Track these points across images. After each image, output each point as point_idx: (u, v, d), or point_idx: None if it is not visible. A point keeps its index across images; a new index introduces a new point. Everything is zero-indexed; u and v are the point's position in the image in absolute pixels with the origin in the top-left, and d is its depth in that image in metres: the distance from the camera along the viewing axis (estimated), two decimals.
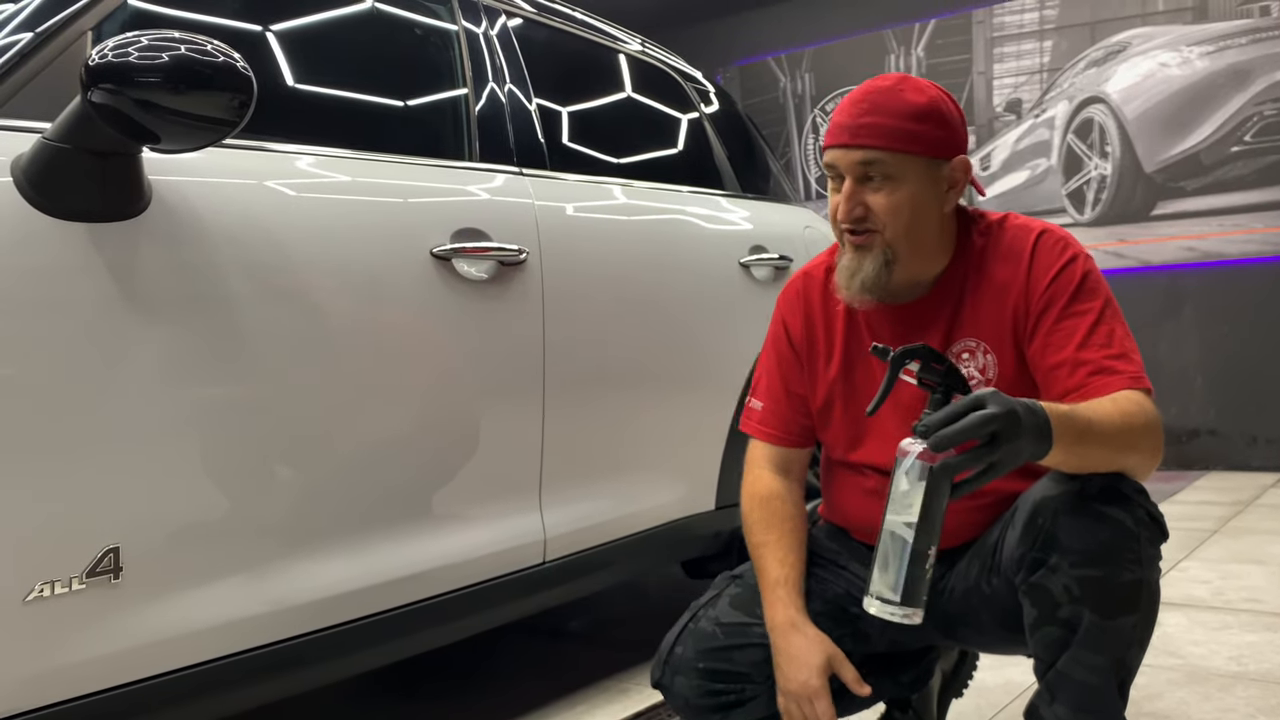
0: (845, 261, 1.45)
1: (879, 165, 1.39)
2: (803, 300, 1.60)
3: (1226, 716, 1.98)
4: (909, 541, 1.17)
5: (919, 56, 5.92)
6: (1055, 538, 1.27)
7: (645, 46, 2.78)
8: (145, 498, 1.40)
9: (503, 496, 1.94)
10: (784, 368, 1.61)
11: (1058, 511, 1.28)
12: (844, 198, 1.41)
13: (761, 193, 2.93)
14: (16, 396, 1.27)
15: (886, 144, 1.39)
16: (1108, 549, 1.26)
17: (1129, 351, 1.37)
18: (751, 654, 1.47)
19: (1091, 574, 1.26)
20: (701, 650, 1.49)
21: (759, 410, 1.63)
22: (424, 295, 1.76)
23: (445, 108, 2.03)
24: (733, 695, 1.48)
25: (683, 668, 1.49)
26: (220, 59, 1.29)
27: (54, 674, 1.31)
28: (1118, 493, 1.28)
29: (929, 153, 1.41)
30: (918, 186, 1.41)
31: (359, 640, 1.67)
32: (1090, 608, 1.26)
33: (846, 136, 1.40)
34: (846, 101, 1.44)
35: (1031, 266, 1.44)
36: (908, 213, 1.41)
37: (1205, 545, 3.44)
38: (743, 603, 1.52)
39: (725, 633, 1.49)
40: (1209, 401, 5.10)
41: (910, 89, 1.42)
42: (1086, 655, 1.28)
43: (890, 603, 1.18)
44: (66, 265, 1.32)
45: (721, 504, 2.45)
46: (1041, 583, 1.29)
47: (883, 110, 1.39)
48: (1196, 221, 5.17)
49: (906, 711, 1.72)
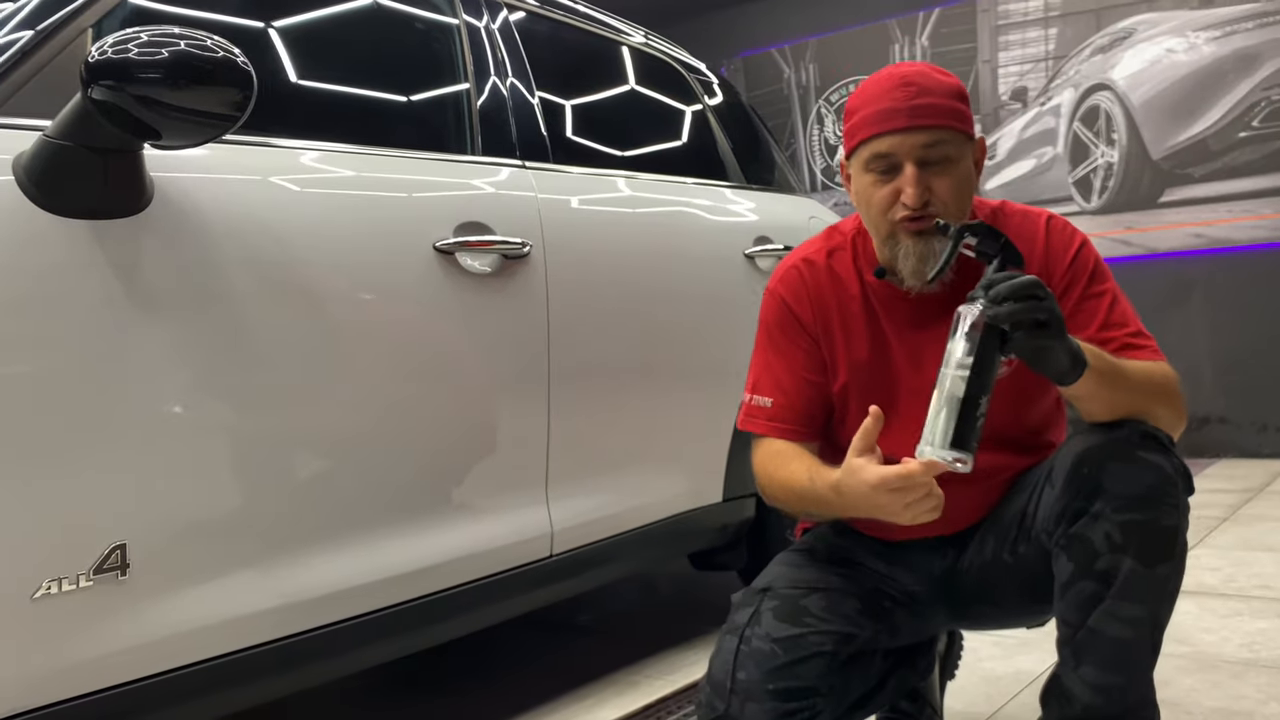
0: (908, 249, 1.39)
1: (941, 146, 1.37)
2: (809, 287, 1.54)
3: (1238, 704, 1.97)
4: (962, 390, 1.23)
5: (923, 46, 5.89)
6: (1100, 484, 1.29)
7: (648, 39, 2.77)
8: (151, 494, 1.40)
9: (509, 490, 1.93)
10: (795, 355, 1.54)
11: (1102, 460, 1.30)
12: (910, 182, 1.36)
13: (766, 184, 2.92)
14: (20, 394, 1.27)
15: (947, 123, 1.38)
16: (1151, 493, 1.28)
17: (1143, 330, 1.43)
18: (814, 665, 1.39)
19: (1135, 518, 1.28)
20: (766, 671, 1.38)
21: (769, 407, 1.54)
22: (428, 289, 1.76)
23: (447, 102, 2.03)
24: (806, 712, 1.38)
25: (753, 693, 1.38)
26: (220, 54, 1.29)
27: (62, 671, 1.31)
28: (1156, 440, 1.32)
29: (969, 130, 1.42)
30: (967, 166, 1.41)
31: (366, 635, 1.67)
32: (1132, 554, 1.27)
33: (904, 120, 1.36)
34: (881, 89, 1.39)
35: (1048, 248, 1.46)
36: (966, 193, 1.42)
37: (1216, 533, 3.43)
38: (786, 614, 1.43)
39: (783, 649, 1.40)
40: (1218, 389, 5.08)
41: (938, 71, 1.42)
42: (1123, 606, 1.28)
43: (942, 449, 1.23)
44: (69, 262, 1.32)
45: (729, 496, 2.44)
46: (1082, 532, 1.30)
47: (933, 91, 1.37)
48: (1204, 208, 5.14)
49: (915, 700, 1.72)
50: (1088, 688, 1.31)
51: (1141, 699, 1.34)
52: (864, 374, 1.52)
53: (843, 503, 1.36)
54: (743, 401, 1.59)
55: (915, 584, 1.53)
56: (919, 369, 1.47)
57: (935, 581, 1.53)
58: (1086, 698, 1.31)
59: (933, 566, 1.53)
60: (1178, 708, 1.96)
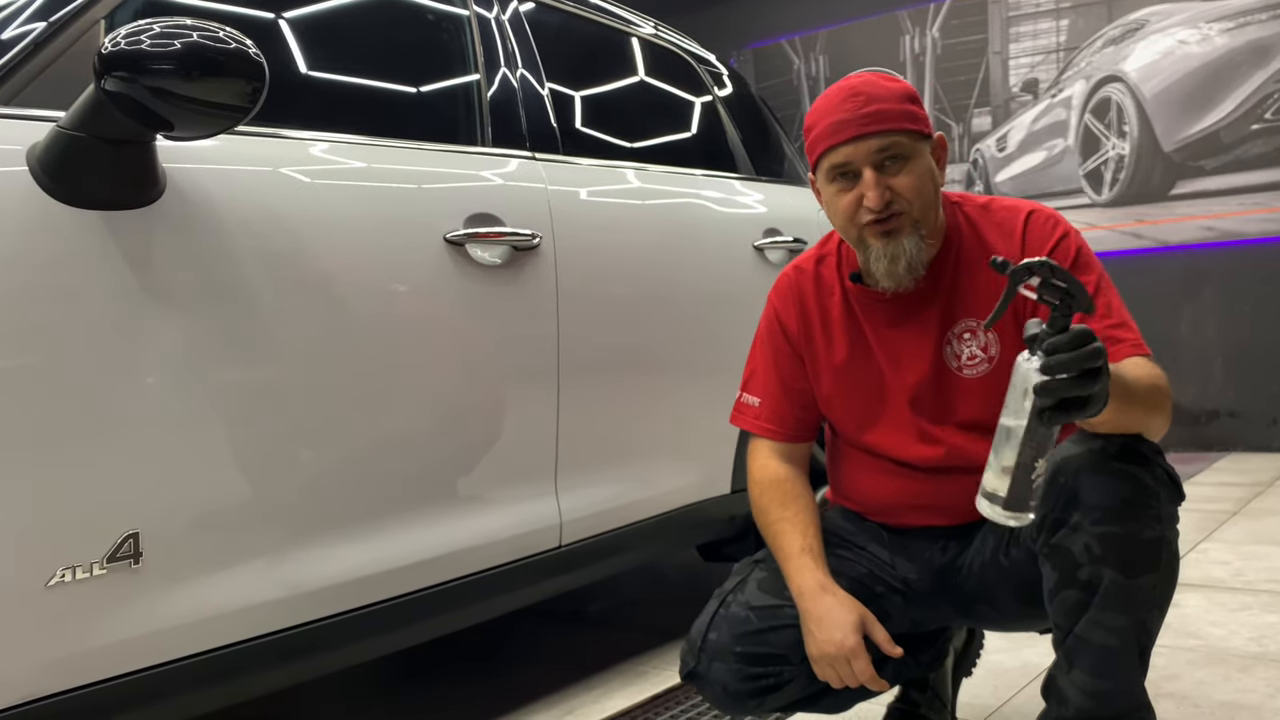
0: (879, 251, 1.43)
1: (895, 148, 1.41)
2: (796, 293, 1.61)
3: (1246, 697, 1.97)
4: (1016, 452, 1.16)
5: (934, 37, 5.87)
6: (1076, 496, 1.29)
7: (658, 30, 2.77)
8: (164, 484, 1.41)
9: (518, 481, 1.94)
10: (781, 364, 1.61)
11: (1079, 470, 1.29)
12: (870, 186, 1.40)
13: (775, 175, 2.91)
14: (34, 384, 1.28)
15: (897, 126, 1.41)
16: (1128, 505, 1.27)
17: (1127, 320, 1.41)
18: (786, 635, 1.47)
19: (1112, 531, 1.27)
20: (737, 635, 1.48)
21: (756, 406, 1.63)
22: (438, 281, 1.77)
23: (458, 93, 2.03)
24: (771, 679, 1.47)
25: (719, 654, 1.48)
26: (232, 45, 1.29)
27: (76, 658, 1.33)
28: (1137, 452, 1.30)
29: (923, 130, 1.44)
30: (925, 162, 1.44)
31: (377, 624, 1.68)
32: (1111, 566, 1.27)
33: (855, 129, 1.40)
34: (832, 104, 1.43)
35: (1025, 243, 1.47)
36: (929, 187, 1.44)
37: (1225, 527, 3.42)
38: (771, 586, 1.52)
39: (758, 616, 1.49)
40: (1228, 382, 5.06)
41: (885, 78, 1.46)
42: (1107, 616, 1.28)
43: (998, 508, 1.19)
44: (82, 253, 1.33)
45: (737, 488, 2.45)
46: (1062, 543, 1.30)
47: (879, 98, 1.42)
48: (1216, 201, 5.12)
49: (925, 691, 1.72)
50: (1080, 692, 1.32)
51: (1133, 702, 1.34)
52: (846, 376, 1.56)
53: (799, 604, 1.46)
54: (737, 395, 1.66)
55: (914, 573, 1.55)
56: (899, 368, 1.51)
57: (935, 573, 1.54)
58: (1079, 701, 1.33)
59: (933, 558, 1.54)
60: (1186, 701, 1.96)
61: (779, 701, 1.49)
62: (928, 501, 1.52)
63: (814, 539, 1.50)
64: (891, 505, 1.56)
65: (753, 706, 1.50)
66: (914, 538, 1.56)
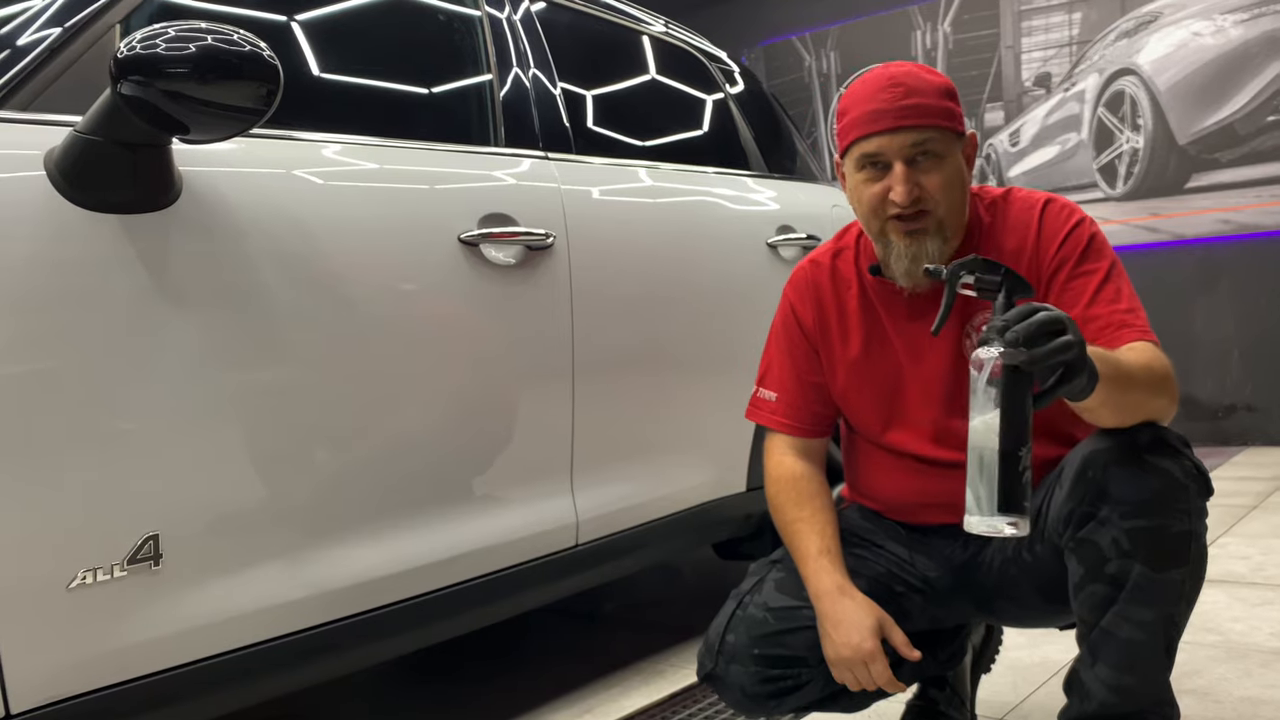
0: (900, 250, 1.42)
1: (929, 144, 1.40)
2: (813, 288, 1.60)
3: (1268, 693, 1.96)
4: (995, 446, 1.11)
5: (945, 32, 5.85)
6: (1105, 490, 1.28)
7: (669, 28, 2.76)
8: (182, 486, 1.41)
9: (534, 480, 1.94)
10: (797, 357, 1.60)
11: (1107, 464, 1.28)
12: (900, 180, 1.39)
13: (788, 172, 2.91)
14: (53, 388, 1.29)
15: (935, 122, 1.40)
16: (1158, 499, 1.26)
17: (1136, 307, 1.40)
18: (804, 637, 1.46)
19: (1142, 525, 1.26)
20: (755, 637, 1.47)
21: (772, 401, 1.61)
22: (452, 281, 1.77)
23: (470, 93, 2.03)
24: (789, 680, 1.47)
25: (737, 655, 1.47)
26: (247, 49, 1.30)
27: (97, 660, 1.33)
28: (1166, 444, 1.29)
29: (958, 127, 1.43)
30: (957, 162, 1.43)
31: (395, 624, 1.68)
32: (1140, 560, 1.26)
33: (891, 121, 1.39)
34: (870, 90, 1.41)
35: (1040, 233, 1.47)
36: (958, 188, 1.43)
37: (1244, 521, 3.40)
38: (788, 586, 1.51)
39: (776, 618, 1.48)
40: (1246, 376, 5.03)
41: (926, 71, 1.44)
42: (1134, 610, 1.27)
43: (989, 515, 1.12)
44: (99, 257, 1.33)
45: (753, 486, 2.44)
46: (1090, 537, 1.29)
47: (919, 91, 1.40)
48: (1231, 193, 5.08)
49: (944, 689, 1.72)
50: (1103, 686, 1.32)
51: (1157, 698, 1.34)
52: (862, 370, 1.55)
53: (817, 606, 1.44)
54: (753, 391, 1.65)
55: (934, 571, 1.54)
56: (918, 361, 1.50)
57: (955, 570, 1.53)
58: (1102, 695, 1.32)
59: (953, 555, 1.53)
60: (1207, 696, 1.94)
61: (797, 703, 1.49)
62: (946, 499, 1.51)
63: (832, 539, 1.50)
64: (909, 503, 1.56)
65: (771, 708, 1.49)
66: (933, 535, 1.55)
